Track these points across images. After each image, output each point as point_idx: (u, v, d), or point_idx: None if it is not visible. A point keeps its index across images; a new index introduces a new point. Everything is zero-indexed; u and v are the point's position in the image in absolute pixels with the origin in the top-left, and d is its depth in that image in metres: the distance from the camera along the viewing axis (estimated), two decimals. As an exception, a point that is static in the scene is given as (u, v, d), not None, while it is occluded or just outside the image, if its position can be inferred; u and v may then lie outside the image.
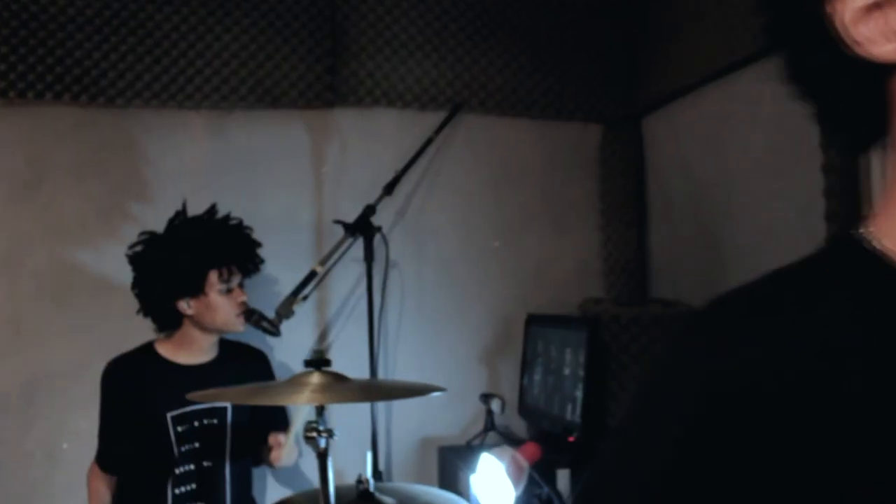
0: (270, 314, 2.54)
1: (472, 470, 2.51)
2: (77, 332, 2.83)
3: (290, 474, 2.89)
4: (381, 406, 2.82)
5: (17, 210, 2.82)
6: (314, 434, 1.63)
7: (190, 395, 1.80)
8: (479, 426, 2.97)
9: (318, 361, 1.66)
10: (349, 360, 2.59)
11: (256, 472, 2.69)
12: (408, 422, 2.96)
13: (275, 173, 2.93)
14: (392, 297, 2.91)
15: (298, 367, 2.89)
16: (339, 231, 2.81)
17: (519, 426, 3.04)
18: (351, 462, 2.83)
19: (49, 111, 2.82)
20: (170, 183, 2.85)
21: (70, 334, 2.83)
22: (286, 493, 2.90)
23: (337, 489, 1.99)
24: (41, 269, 2.83)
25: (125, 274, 2.71)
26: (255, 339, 2.70)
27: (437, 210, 3.01)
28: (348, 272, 2.88)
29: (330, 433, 1.63)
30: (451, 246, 3.03)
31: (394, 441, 2.86)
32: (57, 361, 2.82)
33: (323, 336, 2.93)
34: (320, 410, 1.64)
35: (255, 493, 2.72)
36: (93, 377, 2.70)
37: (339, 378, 1.67)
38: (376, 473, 2.68)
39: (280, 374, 2.71)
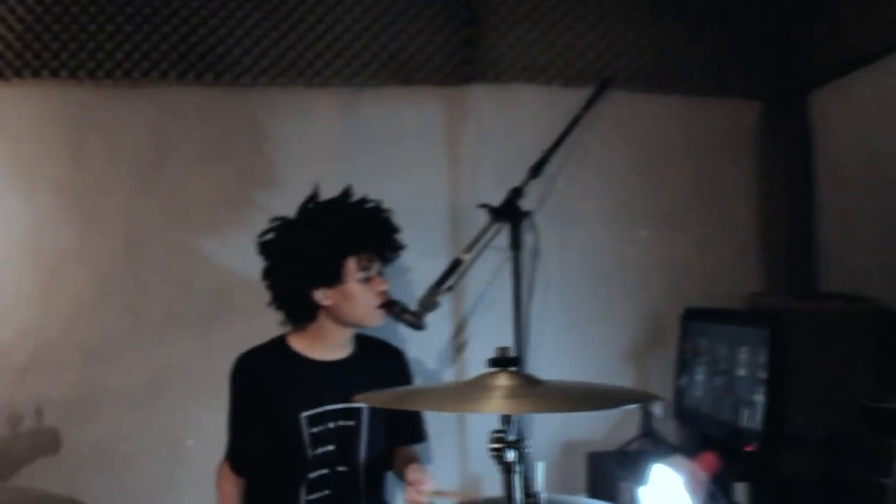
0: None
1: (633, 479, 2.27)
2: (201, 323, 2.69)
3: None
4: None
5: (139, 194, 2.69)
6: (500, 445, 1.40)
7: (357, 398, 1.59)
8: (628, 430, 2.72)
9: (504, 360, 1.43)
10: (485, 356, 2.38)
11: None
12: (548, 424, 2.71)
13: (407, 155, 2.73)
14: (533, 289, 2.66)
15: (432, 364, 2.70)
16: (476, 216, 2.59)
17: (669, 430, 2.76)
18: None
19: (173, 92, 2.69)
20: (296, 166, 2.69)
21: (193, 326, 2.69)
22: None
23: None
24: (163, 257, 2.70)
25: (251, 262, 2.54)
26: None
27: (582, 195, 2.77)
28: (484, 261, 2.63)
29: (520, 444, 1.40)
30: (597, 234, 2.78)
31: (534, 445, 2.60)
32: (180, 354, 2.68)
33: (459, 330, 2.71)
34: (508, 418, 1.41)
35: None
36: (217, 372, 2.54)
37: (531, 380, 1.44)
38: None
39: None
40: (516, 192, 2.43)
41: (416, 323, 2.30)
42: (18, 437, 2.62)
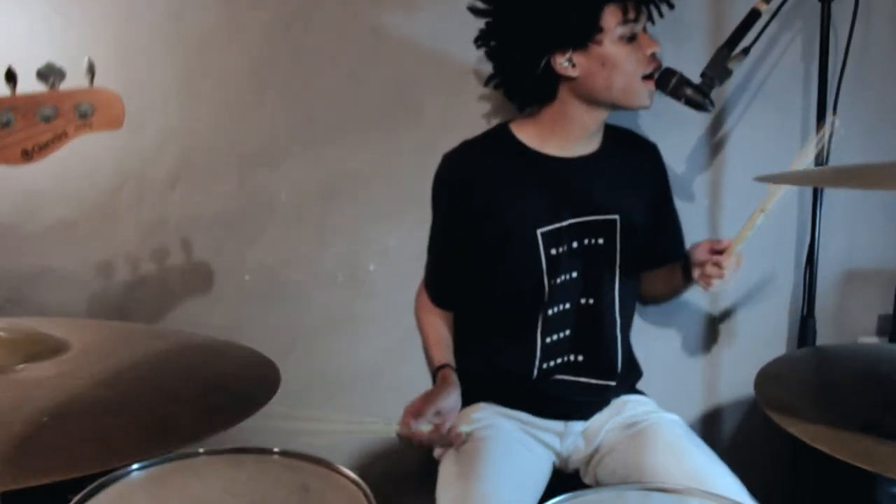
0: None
1: None
2: (382, 119, 2.13)
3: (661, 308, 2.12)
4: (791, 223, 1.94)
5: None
6: None
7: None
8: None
9: None
10: (766, 162, 1.73)
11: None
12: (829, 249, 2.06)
13: None
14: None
15: (680, 168, 2.07)
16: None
17: None
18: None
19: None
20: None
21: (373, 122, 2.14)
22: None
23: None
24: (331, 36, 2.14)
25: (447, 35, 2.00)
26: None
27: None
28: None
29: None
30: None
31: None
32: (358, 159, 2.16)
33: (717, 123, 2.04)
34: None
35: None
36: (404, 178, 2.10)
37: None
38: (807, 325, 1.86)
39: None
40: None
41: (701, 101, 1.65)
42: (170, 266, 2.26)
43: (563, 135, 1.71)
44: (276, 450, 1.45)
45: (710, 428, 2.21)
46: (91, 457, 0.85)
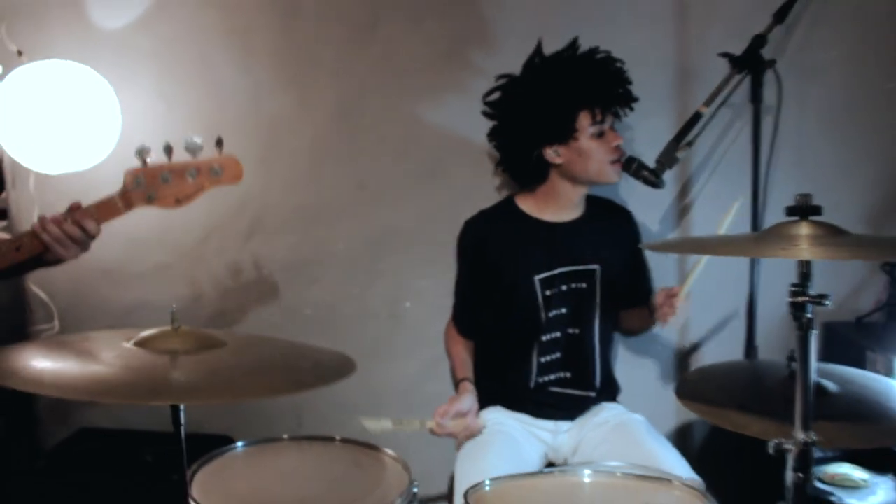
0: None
1: (880, 349, 2.12)
2: (418, 188, 2.67)
3: (644, 344, 2.62)
4: (746, 273, 2.44)
5: (352, 58, 2.65)
6: (801, 300, 1.29)
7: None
8: (864, 299, 2.53)
9: (805, 209, 1.31)
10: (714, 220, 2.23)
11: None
12: (776, 292, 2.55)
13: (626, 2, 2.51)
14: (763, 146, 2.43)
15: (654, 226, 2.59)
16: (704, 70, 2.42)
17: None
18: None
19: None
20: (510, 22, 2.55)
21: (411, 189, 2.67)
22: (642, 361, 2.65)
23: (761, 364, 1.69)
24: (379, 120, 2.67)
25: (467, 124, 2.52)
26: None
27: (825, 43, 2.49)
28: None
29: (821, 300, 1.28)
30: (841, 87, 2.50)
31: (760, 314, 2.45)
32: (399, 217, 2.69)
33: (685, 191, 2.56)
34: (807, 273, 1.30)
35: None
36: (434, 235, 2.59)
37: (834, 230, 1.31)
38: (750, 350, 2.35)
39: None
40: (759, 39, 2.21)
41: (655, 181, 2.18)
42: (246, 300, 2.76)
43: (554, 205, 2.26)
44: (337, 437, 1.98)
45: (682, 438, 2.68)
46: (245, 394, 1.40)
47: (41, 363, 1.36)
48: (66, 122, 2.43)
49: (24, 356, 1.41)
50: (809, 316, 1.30)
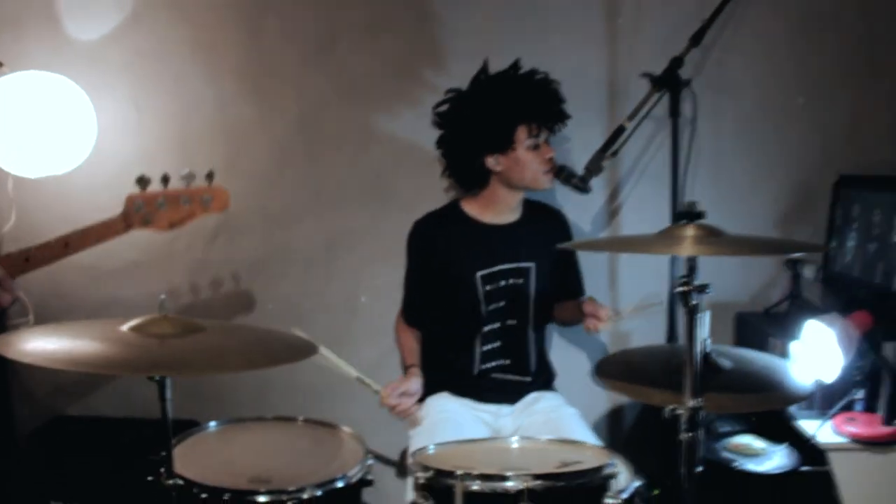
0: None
1: (783, 337, 2.40)
2: (372, 190, 2.90)
3: (579, 334, 2.88)
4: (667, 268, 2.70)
5: (312, 72, 2.86)
6: (686, 289, 1.56)
7: (576, 244, 1.77)
8: (774, 293, 2.82)
9: (691, 214, 1.58)
10: (643, 223, 2.50)
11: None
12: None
13: (565, 27, 2.78)
14: (681, 156, 2.70)
15: (587, 227, 2.86)
16: (629, 89, 2.70)
17: (815, 293, 2.85)
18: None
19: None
20: (459, 42, 2.79)
21: (366, 193, 2.90)
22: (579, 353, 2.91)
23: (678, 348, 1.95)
24: (336, 130, 2.89)
25: (418, 135, 2.76)
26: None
27: (737, 64, 2.78)
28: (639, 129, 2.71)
29: (703, 289, 1.55)
30: (752, 103, 2.80)
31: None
32: (354, 220, 2.91)
33: (614, 195, 2.84)
34: (692, 267, 1.57)
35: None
36: (387, 235, 2.82)
37: (714, 232, 1.59)
38: (672, 336, 2.62)
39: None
40: (676, 61, 2.49)
41: (582, 187, 2.45)
42: (214, 292, 2.95)
43: (495, 208, 2.52)
44: (300, 418, 2.21)
45: (611, 421, 2.95)
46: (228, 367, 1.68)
47: (46, 343, 1.55)
48: (44, 129, 2.57)
49: (21, 339, 1.57)
50: (695, 302, 1.57)
